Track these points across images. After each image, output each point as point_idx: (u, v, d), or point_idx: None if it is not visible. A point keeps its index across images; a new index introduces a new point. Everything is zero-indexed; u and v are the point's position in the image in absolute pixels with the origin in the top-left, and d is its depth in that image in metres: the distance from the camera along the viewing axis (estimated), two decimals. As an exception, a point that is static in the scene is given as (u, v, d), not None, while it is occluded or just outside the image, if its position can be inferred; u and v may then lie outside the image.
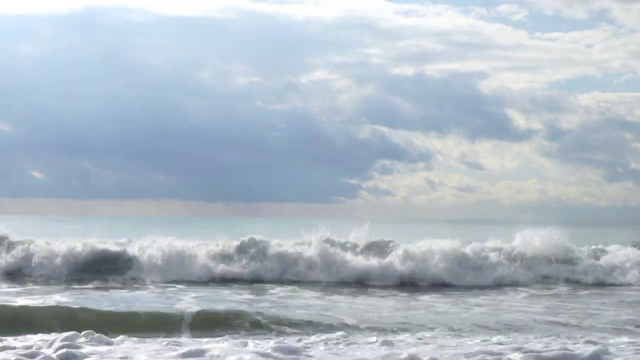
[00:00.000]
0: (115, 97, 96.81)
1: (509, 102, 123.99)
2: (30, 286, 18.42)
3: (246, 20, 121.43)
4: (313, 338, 11.12)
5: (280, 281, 20.25)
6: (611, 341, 10.96)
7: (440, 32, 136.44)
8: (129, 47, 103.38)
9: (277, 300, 16.47)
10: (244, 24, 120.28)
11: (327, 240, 22.08)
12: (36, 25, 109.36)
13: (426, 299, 17.40)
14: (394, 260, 21.31)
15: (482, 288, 19.90)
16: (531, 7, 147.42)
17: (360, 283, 20.51)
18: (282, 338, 11.45)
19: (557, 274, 21.92)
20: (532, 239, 23.13)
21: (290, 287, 18.97)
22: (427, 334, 11.89)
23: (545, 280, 21.57)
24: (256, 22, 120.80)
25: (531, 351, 9.82)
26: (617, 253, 23.43)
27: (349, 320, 13.29)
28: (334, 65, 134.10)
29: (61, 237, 22.95)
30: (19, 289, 17.69)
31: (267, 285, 19.41)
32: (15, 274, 20.41)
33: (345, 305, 15.76)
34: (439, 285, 20.37)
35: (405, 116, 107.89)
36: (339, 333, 11.60)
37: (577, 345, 10.45)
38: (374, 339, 11.09)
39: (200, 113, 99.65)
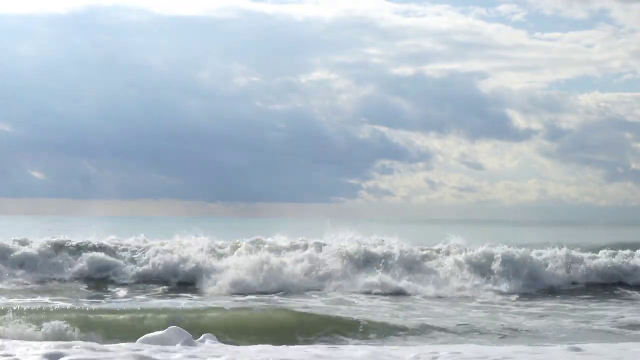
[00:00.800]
0: (115, 97, 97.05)
1: (509, 102, 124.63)
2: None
3: (246, 20, 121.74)
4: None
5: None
6: None
7: (440, 32, 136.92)
8: (129, 47, 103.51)
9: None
10: (243, 24, 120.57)
11: None
12: (36, 25, 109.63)
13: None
14: None
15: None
16: (531, 7, 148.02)
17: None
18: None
19: None
20: None
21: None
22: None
23: None
24: (256, 22, 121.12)
25: None
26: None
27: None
28: (333, 65, 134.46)
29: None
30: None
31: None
32: None
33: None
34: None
35: (405, 116, 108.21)
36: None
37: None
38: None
39: (200, 113, 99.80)
